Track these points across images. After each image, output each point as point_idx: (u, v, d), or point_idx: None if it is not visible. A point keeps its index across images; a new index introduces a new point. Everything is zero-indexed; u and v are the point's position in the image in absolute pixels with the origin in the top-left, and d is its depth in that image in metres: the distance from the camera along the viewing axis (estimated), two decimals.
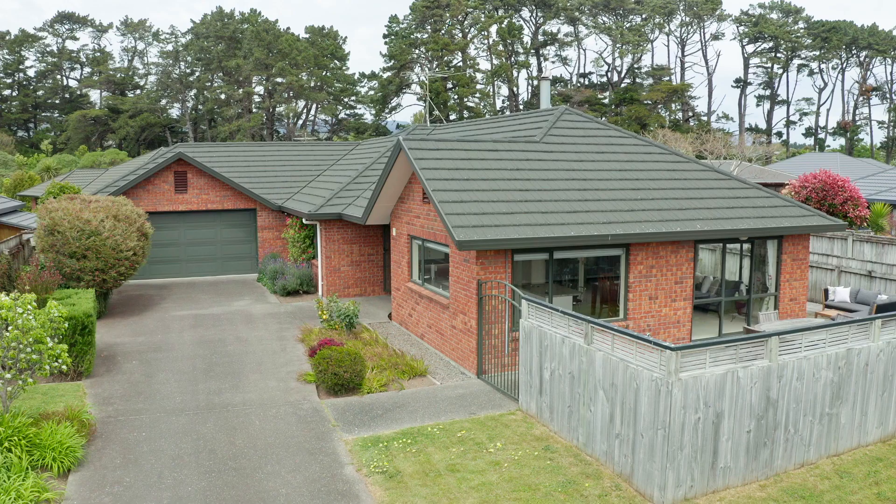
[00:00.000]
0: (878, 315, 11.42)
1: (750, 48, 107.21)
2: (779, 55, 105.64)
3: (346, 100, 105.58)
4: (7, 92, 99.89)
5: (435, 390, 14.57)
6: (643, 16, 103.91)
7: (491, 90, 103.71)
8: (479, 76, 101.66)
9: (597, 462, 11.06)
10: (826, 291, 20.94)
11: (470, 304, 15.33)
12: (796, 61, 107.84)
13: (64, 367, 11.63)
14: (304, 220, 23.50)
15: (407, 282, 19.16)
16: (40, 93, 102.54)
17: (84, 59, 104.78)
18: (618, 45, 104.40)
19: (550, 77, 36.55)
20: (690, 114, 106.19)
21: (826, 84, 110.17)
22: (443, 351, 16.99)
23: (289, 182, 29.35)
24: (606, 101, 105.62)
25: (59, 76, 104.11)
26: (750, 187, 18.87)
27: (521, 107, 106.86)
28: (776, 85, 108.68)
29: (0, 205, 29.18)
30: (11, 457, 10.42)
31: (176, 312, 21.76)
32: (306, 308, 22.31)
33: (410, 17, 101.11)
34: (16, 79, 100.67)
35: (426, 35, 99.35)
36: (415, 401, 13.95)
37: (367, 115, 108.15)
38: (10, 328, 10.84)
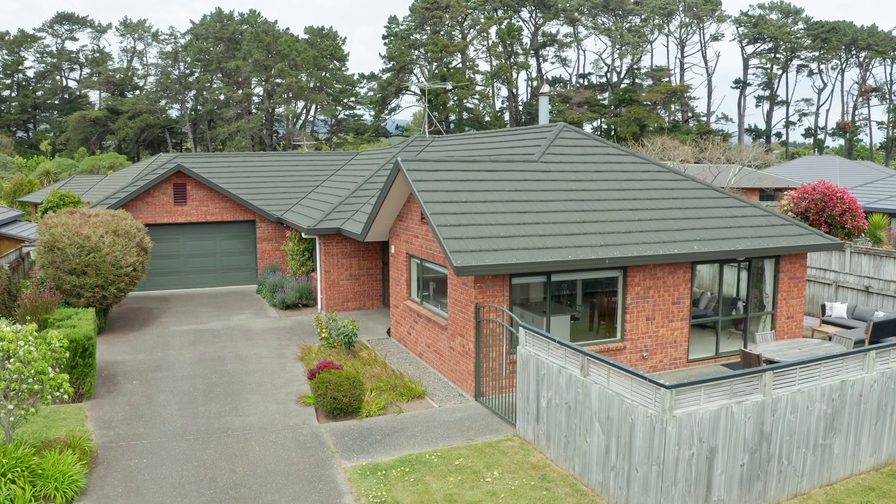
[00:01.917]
0: (873, 346, 11.54)
1: (749, 49, 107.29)
2: (778, 56, 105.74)
3: (345, 100, 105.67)
4: (6, 93, 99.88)
5: (433, 414, 14.68)
6: (642, 16, 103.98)
7: (490, 91, 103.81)
8: (478, 77, 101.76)
9: (592, 493, 11.18)
10: (823, 307, 21.05)
11: (468, 326, 15.44)
12: (796, 62, 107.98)
13: (65, 396, 11.74)
14: (302, 234, 23.62)
15: (405, 300, 19.27)
16: (39, 93, 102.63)
17: (83, 60, 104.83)
18: (617, 46, 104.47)
19: (549, 92, 36.49)
20: (690, 114, 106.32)
21: (825, 85, 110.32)
22: (441, 371, 17.11)
23: (288, 193, 29.44)
24: (606, 101, 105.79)
25: (58, 77, 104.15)
26: (747, 205, 18.97)
27: (520, 108, 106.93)
28: (776, 85, 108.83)
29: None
30: (15, 488, 10.53)
31: (176, 328, 21.86)
32: (305, 323, 22.41)
33: (410, 17, 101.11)
34: (15, 79, 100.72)
35: (426, 36, 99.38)
36: (413, 425, 14.07)
37: (367, 115, 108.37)
38: (11, 360, 10.94)
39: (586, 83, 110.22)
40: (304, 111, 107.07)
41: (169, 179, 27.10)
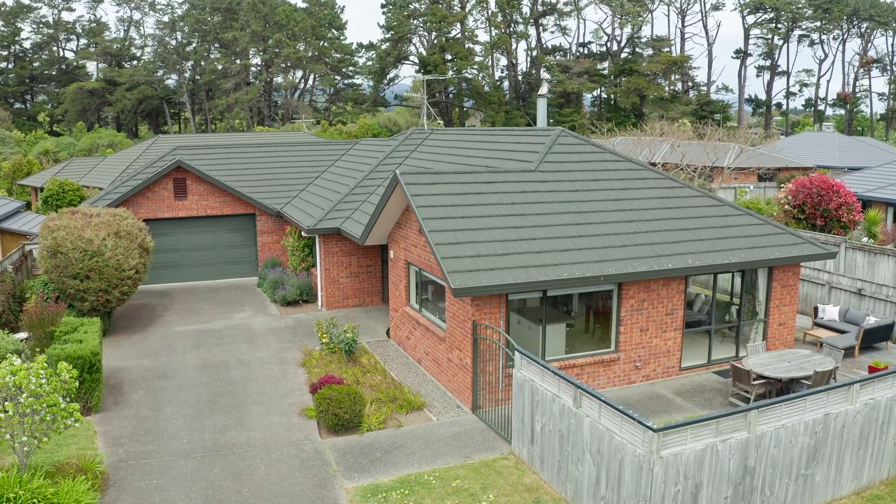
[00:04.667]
0: (858, 379, 11.92)
1: (751, 19, 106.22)
2: (779, 26, 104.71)
3: (344, 70, 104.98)
4: (3, 64, 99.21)
5: (431, 428, 15.12)
6: None
7: (490, 62, 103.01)
8: (477, 48, 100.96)
9: None
10: (816, 309, 21.43)
11: (465, 341, 15.82)
12: (797, 32, 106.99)
13: (77, 424, 12.16)
14: (302, 233, 23.91)
15: (404, 305, 19.63)
16: (36, 64, 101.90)
17: (80, 31, 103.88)
18: (617, 16, 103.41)
19: (548, 94, 36.52)
20: (690, 85, 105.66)
21: (826, 55, 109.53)
22: (439, 380, 17.53)
23: (287, 185, 29.63)
24: (606, 71, 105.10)
25: (55, 48, 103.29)
26: (742, 213, 19.23)
27: (519, 77, 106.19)
28: (776, 56, 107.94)
29: (0, 209, 29.50)
30: None
31: (178, 328, 22.23)
32: (306, 322, 22.79)
33: None
34: (12, 51, 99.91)
35: (424, 6, 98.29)
36: (412, 441, 14.52)
37: (366, 85, 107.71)
38: (24, 395, 11.32)
39: (586, 52, 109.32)
40: (303, 81, 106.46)
41: (169, 175, 27.29)
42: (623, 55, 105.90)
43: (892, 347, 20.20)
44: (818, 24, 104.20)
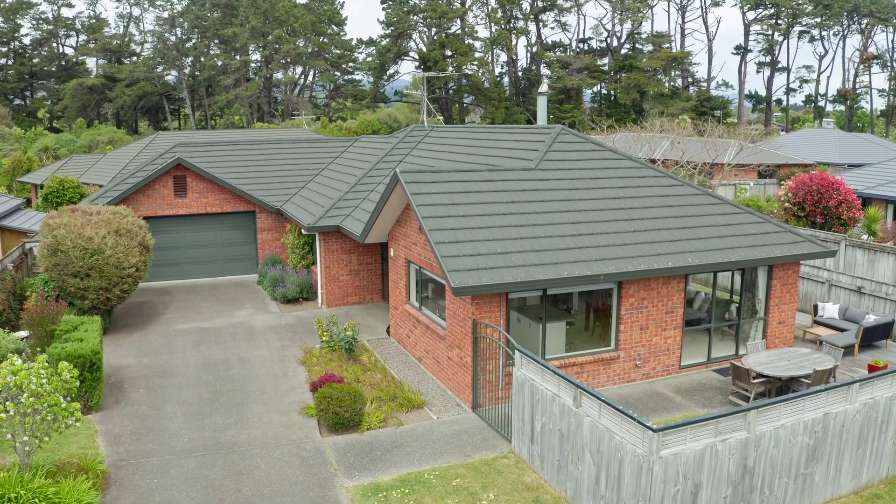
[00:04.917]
0: (858, 378, 11.95)
1: (751, 15, 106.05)
2: (780, 22, 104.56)
3: (344, 66, 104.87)
4: (3, 61, 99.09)
5: (432, 426, 15.16)
6: None
7: (490, 58, 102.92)
8: (477, 44, 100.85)
9: None
10: (815, 307, 21.45)
11: (466, 339, 15.84)
12: (797, 28, 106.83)
13: (78, 423, 12.19)
14: (302, 230, 23.92)
15: (405, 303, 19.65)
16: (36, 61, 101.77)
17: (80, 27, 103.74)
18: (617, 12, 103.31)
19: (548, 92, 36.60)
20: (690, 81, 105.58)
21: (827, 52, 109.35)
22: (439, 378, 17.56)
23: (287, 182, 29.62)
24: (606, 67, 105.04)
25: (55, 44, 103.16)
26: (742, 212, 19.23)
27: (519, 73, 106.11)
28: (776, 52, 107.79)
29: (0, 206, 29.48)
30: None
31: (179, 325, 22.26)
32: (306, 320, 22.82)
33: None
34: (11, 47, 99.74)
35: (424, 2, 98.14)
36: (412, 440, 14.55)
37: (365, 81, 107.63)
38: (25, 395, 11.35)
39: (586, 48, 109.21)
40: (303, 77, 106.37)
41: (169, 172, 27.28)
42: (623, 51, 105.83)
43: (892, 346, 20.23)
44: (818, 20, 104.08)
